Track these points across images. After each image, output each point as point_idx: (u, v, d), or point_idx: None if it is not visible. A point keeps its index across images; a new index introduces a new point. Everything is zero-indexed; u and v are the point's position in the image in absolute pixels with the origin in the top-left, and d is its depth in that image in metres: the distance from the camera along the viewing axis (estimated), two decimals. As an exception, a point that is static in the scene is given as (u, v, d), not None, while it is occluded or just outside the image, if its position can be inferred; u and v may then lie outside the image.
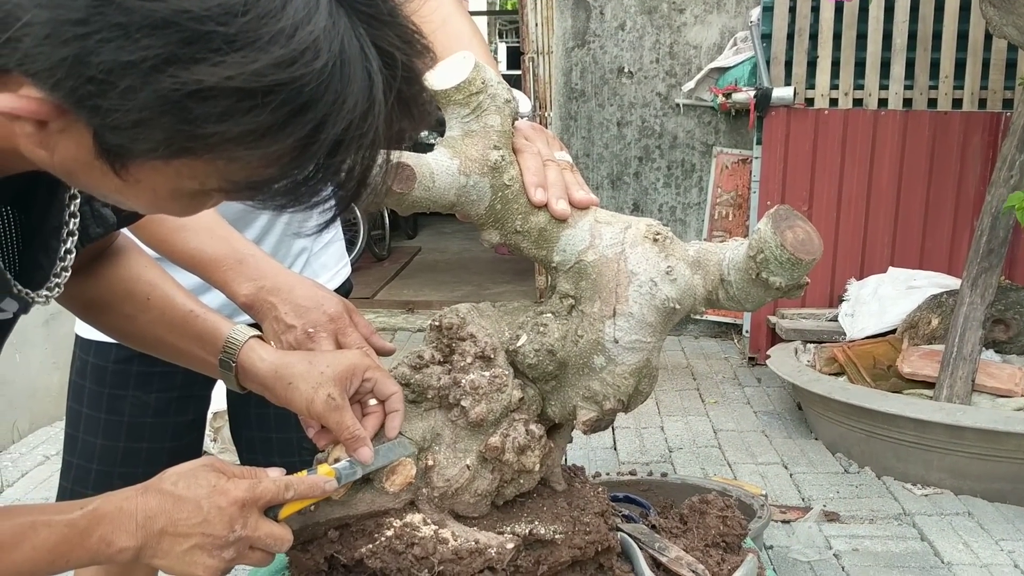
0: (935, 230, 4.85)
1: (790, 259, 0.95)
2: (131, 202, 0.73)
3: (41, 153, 0.68)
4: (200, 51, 0.60)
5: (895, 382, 3.74)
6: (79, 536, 0.86)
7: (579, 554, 1.08)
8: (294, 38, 0.63)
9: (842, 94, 4.92)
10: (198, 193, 0.72)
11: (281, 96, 0.63)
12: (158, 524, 0.89)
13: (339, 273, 1.72)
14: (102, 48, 0.59)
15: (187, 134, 0.63)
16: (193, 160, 0.66)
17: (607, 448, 3.93)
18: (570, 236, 1.05)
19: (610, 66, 5.57)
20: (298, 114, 0.64)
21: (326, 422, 1.03)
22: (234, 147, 0.65)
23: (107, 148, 0.65)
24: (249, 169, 0.68)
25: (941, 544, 3.08)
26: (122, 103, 0.61)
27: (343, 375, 1.05)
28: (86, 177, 0.70)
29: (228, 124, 0.63)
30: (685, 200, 5.64)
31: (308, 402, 1.04)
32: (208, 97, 0.62)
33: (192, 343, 1.12)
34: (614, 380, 1.05)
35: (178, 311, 1.12)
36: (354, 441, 1.02)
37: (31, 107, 0.63)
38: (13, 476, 3.70)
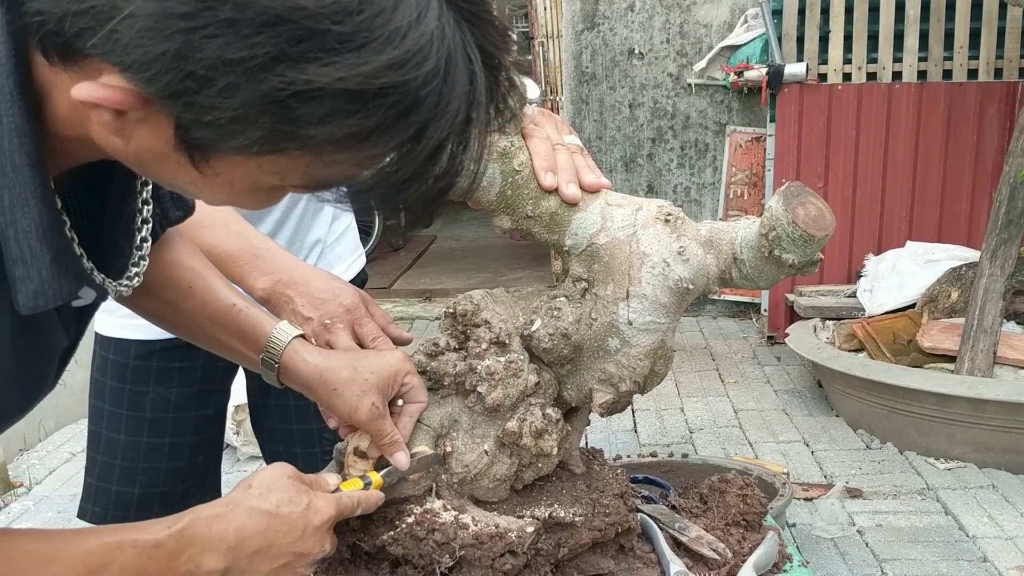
0: (953, 203, 4.80)
1: (802, 236, 0.95)
2: (204, 194, 0.71)
3: (115, 141, 0.66)
4: (311, 50, 0.58)
5: (915, 357, 3.72)
6: (167, 558, 0.83)
7: (599, 536, 1.09)
8: (407, 39, 0.60)
9: (855, 68, 4.87)
10: (276, 188, 0.70)
11: (390, 99, 0.61)
12: (252, 545, 0.87)
13: (354, 264, 1.73)
14: (207, 44, 0.57)
15: (285, 134, 0.61)
16: (280, 157, 0.64)
17: (627, 431, 3.94)
18: (581, 219, 1.05)
19: (620, 48, 5.54)
20: (402, 117, 0.62)
21: (367, 429, 1.04)
22: (333, 149, 0.63)
23: (189, 141, 0.63)
24: (338, 169, 0.66)
25: (965, 518, 3.07)
26: (220, 100, 0.59)
27: (386, 382, 1.05)
28: (159, 167, 0.68)
29: (331, 126, 0.61)
30: (699, 180, 5.61)
31: (352, 410, 1.04)
32: (313, 98, 0.59)
33: (233, 337, 1.11)
34: (629, 362, 1.05)
35: (220, 303, 1.11)
36: (392, 446, 1.03)
37: (115, 97, 0.61)
38: (40, 474, 3.75)
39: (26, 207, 0.66)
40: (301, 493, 0.91)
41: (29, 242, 0.67)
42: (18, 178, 0.65)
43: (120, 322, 1.60)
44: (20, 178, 0.65)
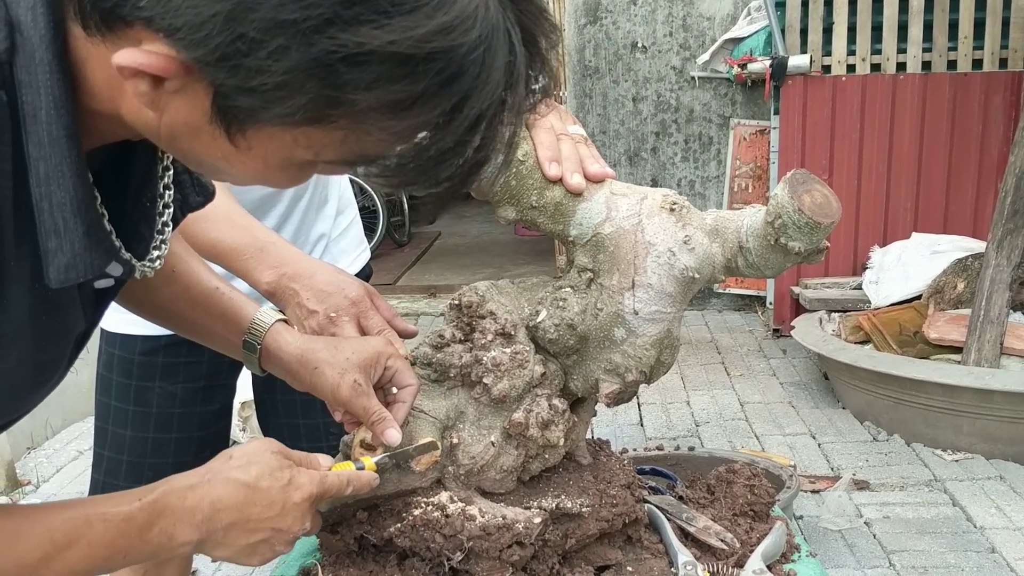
0: (958, 193, 4.79)
1: (808, 223, 0.95)
2: (235, 169, 0.70)
3: (148, 115, 0.65)
4: (364, 12, 0.58)
5: (922, 348, 3.71)
6: (138, 531, 0.81)
7: (606, 526, 1.09)
8: (456, 4, 0.60)
9: (859, 59, 4.86)
10: (307, 164, 0.70)
11: (437, 65, 0.60)
12: (227, 518, 0.85)
13: (359, 258, 1.73)
14: (261, 5, 0.57)
15: (330, 99, 0.60)
16: (316, 129, 0.63)
17: (634, 424, 3.93)
18: (586, 209, 1.05)
19: (623, 41, 5.52)
20: (446, 86, 0.62)
21: (352, 407, 1.04)
22: (376, 116, 0.62)
23: (227, 111, 0.63)
24: (374, 141, 0.65)
25: (973, 509, 3.06)
26: (269, 63, 0.58)
27: (367, 362, 1.05)
28: (191, 142, 0.67)
29: (377, 92, 0.60)
30: (704, 174, 5.60)
31: (334, 387, 1.04)
32: (362, 62, 0.59)
33: (215, 321, 1.10)
34: (635, 352, 1.05)
35: (202, 287, 1.10)
36: (381, 423, 1.02)
37: (158, 63, 0.60)
38: (48, 472, 3.76)
39: (62, 179, 0.66)
40: (283, 468, 0.89)
41: (64, 214, 0.67)
42: (55, 150, 0.65)
43: (126, 318, 1.60)
44: (57, 150, 0.65)
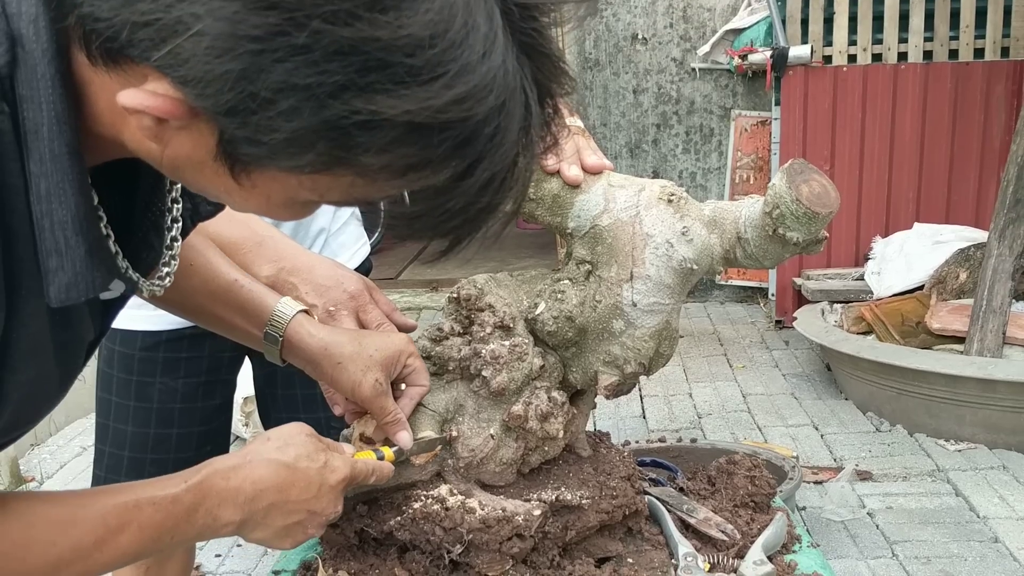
0: (960, 183, 4.78)
1: (806, 213, 0.94)
2: (236, 203, 0.70)
3: (151, 146, 0.65)
4: (380, 80, 0.57)
5: (924, 338, 3.71)
6: (185, 513, 0.83)
7: (607, 518, 1.09)
8: (475, 74, 0.59)
9: (860, 50, 4.84)
10: (311, 203, 0.69)
11: (452, 133, 0.60)
12: (268, 498, 0.87)
13: (358, 252, 1.73)
14: (275, 67, 0.56)
15: (340, 159, 0.60)
16: (325, 176, 0.63)
17: (636, 416, 3.93)
18: (584, 201, 1.05)
19: (623, 33, 5.51)
20: (459, 149, 0.61)
21: (370, 406, 1.04)
22: (386, 176, 0.62)
23: (233, 154, 0.62)
24: (382, 192, 0.65)
25: (976, 499, 3.06)
26: (279, 122, 0.58)
27: (389, 360, 1.05)
28: (194, 174, 0.67)
29: (389, 156, 0.60)
30: (705, 165, 5.59)
31: (355, 384, 1.04)
32: (376, 127, 0.58)
33: (235, 313, 1.10)
34: (634, 343, 1.05)
35: (221, 280, 1.10)
36: (395, 425, 1.03)
37: (163, 107, 0.60)
38: (52, 468, 3.77)
39: (63, 197, 0.65)
40: (319, 451, 0.91)
41: (64, 233, 0.66)
42: (56, 167, 0.64)
43: (127, 313, 1.59)
44: (58, 167, 0.64)
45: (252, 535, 0.89)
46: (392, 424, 1.03)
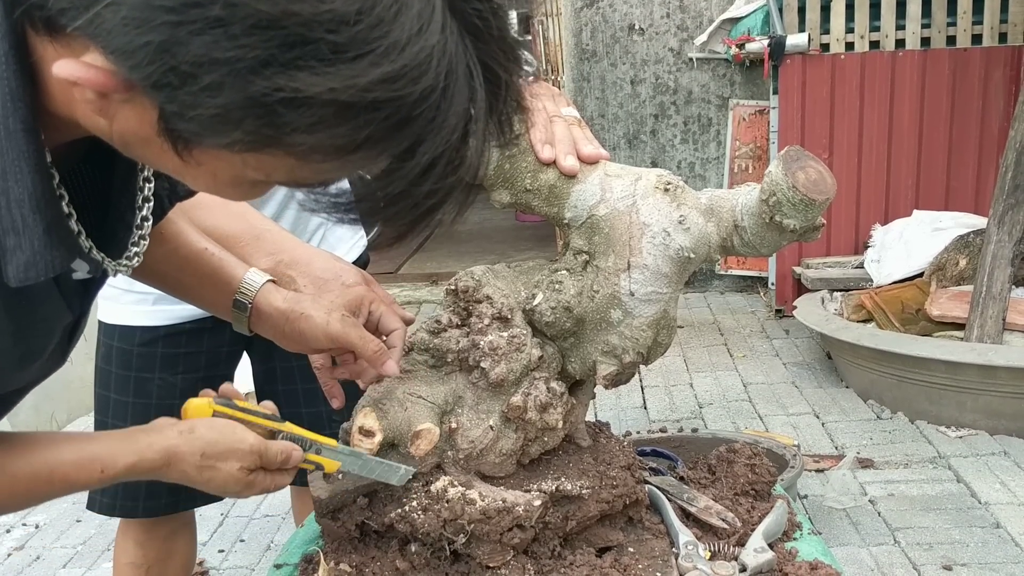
0: (959, 170, 4.77)
1: (803, 200, 0.94)
2: (188, 181, 0.70)
3: (100, 121, 0.65)
4: (303, 57, 0.56)
5: (924, 325, 3.71)
6: (99, 484, 0.88)
7: (607, 508, 1.09)
8: (404, 53, 0.58)
9: (858, 37, 4.83)
10: (260, 183, 0.69)
11: (383, 113, 0.59)
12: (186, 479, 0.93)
13: (356, 245, 1.73)
14: (193, 40, 0.55)
15: (270, 138, 0.59)
16: (265, 155, 0.62)
17: (637, 407, 3.94)
18: (581, 191, 1.05)
19: (620, 24, 5.50)
20: (394, 131, 0.60)
21: (346, 340, 1.04)
22: (319, 157, 0.61)
23: (172, 131, 0.62)
24: (324, 175, 0.64)
25: (977, 485, 3.07)
26: (203, 98, 0.57)
27: (352, 303, 1.08)
28: (143, 150, 0.67)
29: (318, 135, 0.59)
30: (703, 155, 5.58)
31: (324, 325, 1.05)
32: (302, 105, 0.57)
33: (204, 281, 1.11)
34: (632, 333, 1.05)
35: (192, 248, 1.11)
36: (380, 354, 1.03)
37: (96, 78, 0.59)
38: (54, 466, 3.77)
39: (19, 175, 0.65)
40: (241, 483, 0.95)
41: (22, 211, 0.65)
42: (11, 144, 0.64)
43: (124, 309, 1.60)
44: (13, 144, 0.64)
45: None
46: (378, 353, 1.03)
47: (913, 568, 2.63)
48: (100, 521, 3.27)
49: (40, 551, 3.11)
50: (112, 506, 1.66)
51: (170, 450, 0.90)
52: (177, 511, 1.70)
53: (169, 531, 1.72)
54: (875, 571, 2.63)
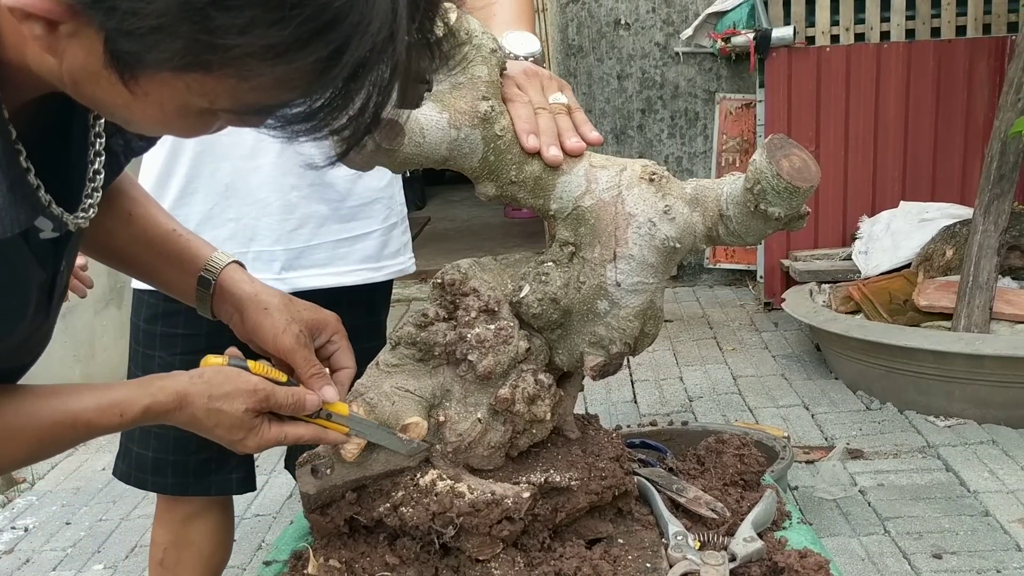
0: (945, 161, 4.79)
1: (787, 188, 0.94)
2: (138, 118, 0.72)
3: (50, 61, 0.66)
4: None
5: (912, 316, 3.72)
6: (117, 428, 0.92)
7: (596, 499, 1.09)
8: None
9: (843, 30, 4.85)
10: (206, 112, 0.71)
11: (307, 11, 0.61)
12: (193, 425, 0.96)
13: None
14: None
15: (206, 44, 0.62)
16: (206, 76, 0.65)
17: (627, 401, 3.94)
18: (566, 183, 1.04)
19: (606, 19, 5.50)
20: (322, 32, 0.63)
21: (291, 356, 1.04)
22: (253, 62, 0.63)
23: (118, 56, 0.64)
24: (263, 91, 0.67)
25: (967, 473, 3.08)
26: (141, 6, 0.59)
27: (316, 324, 1.08)
28: (93, 87, 0.68)
29: (250, 37, 0.61)
30: (691, 150, 5.59)
31: (278, 332, 1.05)
32: (232, 7, 0.60)
33: (171, 263, 1.12)
34: (619, 324, 1.04)
35: (159, 229, 1.12)
36: (320, 378, 1.03)
37: (43, 5, 0.62)
38: (43, 468, 3.75)
39: None
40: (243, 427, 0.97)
41: None
42: None
43: None
44: None
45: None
46: (317, 377, 1.03)
47: (903, 557, 2.64)
48: (90, 523, 3.26)
49: (30, 554, 3.09)
50: (128, 474, 1.71)
51: (181, 392, 0.93)
52: (187, 494, 1.70)
53: (184, 515, 1.73)
54: (866, 561, 2.64)
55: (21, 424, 0.86)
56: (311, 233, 1.62)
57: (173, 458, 1.66)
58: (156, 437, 1.65)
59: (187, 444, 1.66)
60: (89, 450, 3.90)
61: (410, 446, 1.04)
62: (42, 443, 0.88)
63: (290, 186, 1.56)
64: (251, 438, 0.97)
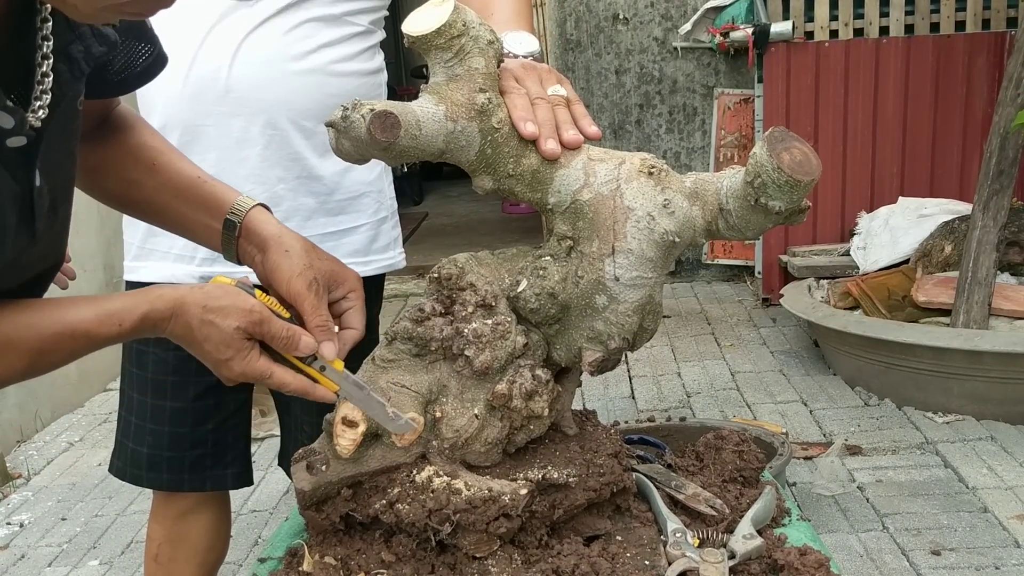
0: (944, 156, 4.78)
1: (788, 181, 0.93)
2: None
3: None
4: None
5: (911, 312, 3.72)
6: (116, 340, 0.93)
7: (594, 496, 1.08)
8: None
9: (842, 24, 4.83)
10: None
11: None
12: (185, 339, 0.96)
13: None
14: None
15: None
16: None
17: (625, 397, 3.94)
18: (564, 176, 1.03)
19: (604, 14, 5.48)
20: None
21: (300, 301, 1.03)
22: None
23: None
24: None
25: (965, 470, 3.08)
26: None
27: (335, 277, 1.07)
28: None
29: None
30: (689, 145, 5.58)
31: (293, 275, 1.03)
32: None
33: (198, 208, 1.12)
34: (617, 319, 1.03)
35: (184, 176, 1.13)
36: (324, 330, 1.02)
37: None
38: (39, 464, 3.74)
39: None
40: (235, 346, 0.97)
41: None
42: None
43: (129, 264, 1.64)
44: None
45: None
46: (321, 329, 1.02)
47: (901, 553, 2.64)
48: (85, 519, 3.25)
49: (25, 550, 3.08)
50: (124, 470, 1.70)
51: (177, 300, 0.94)
52: (182, 490, 1.70)
53: (179, 511, 1.73)
54: (864, 557, 2.63)
55: (20, 334, 0.86)
56: (298, 226, 1.60)
57: (168, 454, 1.65)
58: (151, 434, 1.65)
59: (182, 440, 1.65)
60: (85, 446, 3.90)
61: (397, 422, 1.02)
62: (41, 354, 0.88)
63: (277, 178, 1.54)
64: (238, 361, 0.96)
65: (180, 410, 1.64)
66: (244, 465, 1.73)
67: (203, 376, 1.63)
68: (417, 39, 1.00)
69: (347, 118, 0.96)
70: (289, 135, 1.52)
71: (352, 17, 1.54)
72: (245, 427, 1.73)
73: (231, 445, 1.70)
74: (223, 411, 1.68)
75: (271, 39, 1.48)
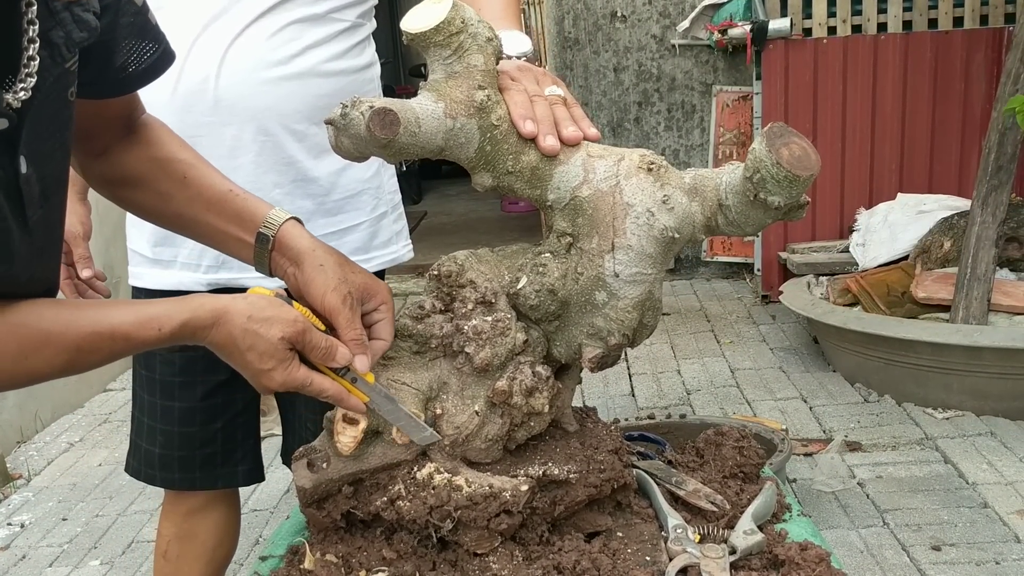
0: (943, 152, 4.78)
1: (787, 176, 0.93)
2: None
3: None
4: None
5: (910, 308, 3.72)
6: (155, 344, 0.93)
7: (595, 492, 1.08)
8: None
9: (840, 21, 4.83)
10: None
11: None
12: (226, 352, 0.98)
13: None
14: None
15: None
16: None
17: (625, 395, 3.94)
18: (563, 173, 1.03)
19: (602, 11, 5.48)
20: None
21: (335, 315, 1.03)
22: None
23: None
24: None
25: (965, 465, 3.08)
26: None
27: (367, 290, 1.07)
28: None
29: None
30: (688, 142, 5.58)
31: (328, 289, 1.03)
32: None
33: (230, 222, 1.11)
34: (617, 315, 1.03)
35: (216, 189, 1.12)
36: (359, 344, 1.02)
37: None
38: (39, 465, 3.74)
39: None
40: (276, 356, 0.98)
41: None
42: None
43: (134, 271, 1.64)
44: None
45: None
46: (356, 342, 1.02)
47: (902, 549, 2.64)
48: (86, 519, 3.25)
49: (26, 550, 3.08)
50: (139, 470, 1.71)
51: (219, 309, 0.95)
52: (194, 488, 1.70)
53: (188, 508, 1.73)
54: (864, 553, 2.63)
55: (60, 330, 0.87)
56: None
57: (179, 453, 1.66)
58: (162, 434, 1.65)
59: (192, 439, 1.66)
60: (85, 446, 3.90)
61: (423, 433, 1.03)
62: (80, 351, 0.88)
63: (272, 183, 1.54)
64: (279, 371, 0.96)
65: (189, 410, 1.65)
66: (255, 462, 1.74)
67: (210, 376, 1.63)
68: (416, 36, 1.00)
69: (346, 115, 0.96)
70: (281, 140, 1.51)
71: (337, 13, 1.52)
72: (254, 424, 1.74)
73: (241, 442, 1.71)
74: (231, 409, 1.68)
75: (255, 45, 1.46)
